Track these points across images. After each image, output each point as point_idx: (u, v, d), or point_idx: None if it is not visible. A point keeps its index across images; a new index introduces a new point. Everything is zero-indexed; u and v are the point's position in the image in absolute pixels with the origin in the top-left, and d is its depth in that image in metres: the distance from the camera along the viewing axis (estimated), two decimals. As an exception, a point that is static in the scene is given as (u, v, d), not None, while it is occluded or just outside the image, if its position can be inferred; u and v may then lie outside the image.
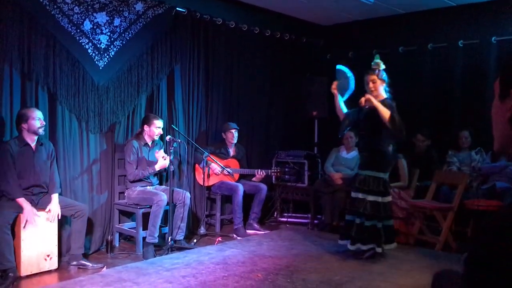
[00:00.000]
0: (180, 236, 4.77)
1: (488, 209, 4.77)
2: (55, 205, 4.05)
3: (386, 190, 4.32)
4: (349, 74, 4.62)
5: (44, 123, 4.10)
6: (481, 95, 5.68)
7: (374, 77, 4.35)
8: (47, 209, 4.01)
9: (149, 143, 4.91)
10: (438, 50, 6.15)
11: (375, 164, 4.30)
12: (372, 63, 4.46)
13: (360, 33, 6.82)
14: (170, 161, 4.76)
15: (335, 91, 4.56)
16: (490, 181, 5.22)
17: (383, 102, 4.27)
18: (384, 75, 4.41)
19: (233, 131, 5.66)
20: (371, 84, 4.36)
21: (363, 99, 4.33)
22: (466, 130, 5.57)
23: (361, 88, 4.49)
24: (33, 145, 4.04)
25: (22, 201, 3.86)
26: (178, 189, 4.93)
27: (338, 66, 4.71)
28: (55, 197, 4.09)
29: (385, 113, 4.16)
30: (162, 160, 4.77)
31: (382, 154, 4.32)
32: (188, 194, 4.87)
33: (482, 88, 5.70)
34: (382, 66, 4.42)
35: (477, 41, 5.83)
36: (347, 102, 4.63)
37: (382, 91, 4.39)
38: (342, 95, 4.60)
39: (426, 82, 6.26)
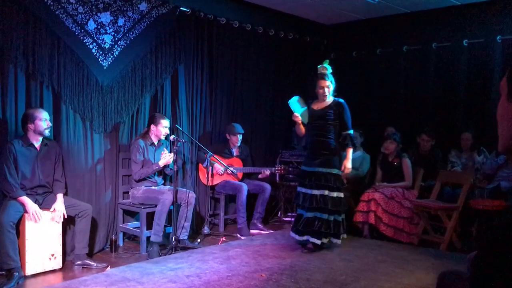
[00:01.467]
0: (184, 235, 4.77)
1: (493, 209, 4.75)
2: (60, 204, 4.06)
3: (343, 185, 4.65)
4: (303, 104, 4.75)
5: (51, 124, 4.12)
6: (486, 95, 5.67)
7: (329, 82, 4.59)
8: (52, 209, 4.02)
9: (155, 143, 4.91)
10: (442, 49, 6.13)
11: (337, 163, 4.57)
12: (319, 67, 4.65)
13: (364, 33, 6.81)
14: (174, 160, 4.76)
15: (298, 120, 4.66)
16: (495, 181, 5.20)
17: (334, 102, 4.60)
18: (332, 80, 4.62)
19: (238, 135, 5.66)
20: (325, 90, 4.57)
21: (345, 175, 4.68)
22: (467, 132, 5.54)
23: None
24: (37, 145, 4.05)
25: (24, 199, 3.87)
26: (182, 188, 4.94)
27: (291, 102, 4.74)
28: (60, 196, 4.10)
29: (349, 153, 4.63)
30: (166, 157, 4.77)
31: (340, 153, 4.62)
32: (193, 194, 4.88)
33: (487, 87, 5.69)
34: (330, 70, 4.62)
35: (482, 40, 5.80)
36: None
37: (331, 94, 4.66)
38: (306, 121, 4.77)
39: (430, 82, 6.25)
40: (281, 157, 6.31)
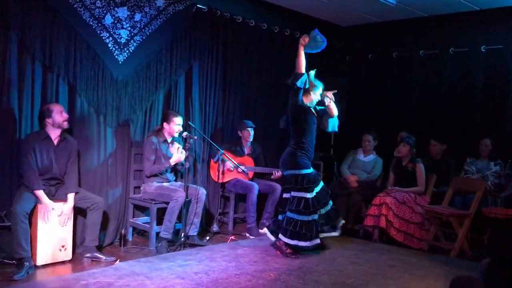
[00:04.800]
0: (193, 231, 4.78)
1: (506, 217, 4.69)
2: (69, 205, 4.07)
3: None
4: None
5: (68, 116, 4.14)
6: (503, 103, 5.59)
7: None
8: (59, 213, 4.01)
9: (168, 140, 4.92)
10: (459, 54, 6.06)
11: None
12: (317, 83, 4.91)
13: (380, 35, 6.76)
14: (186, 157, 4.76)
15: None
16: (509, 189, 5.13)
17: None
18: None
19: (249, 129, 5.66)
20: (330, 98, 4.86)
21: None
22: (487, 138, 5.45)
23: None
24: (54, 138, 4.08)
25: (40, 194, 3.89)
26: (192, 185, 4.94)
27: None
28: (70, 197, 4.09)
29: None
30: (177, 154, 4.78)
31: None
32: (203, 190, 4.88)
33: (504, 95, 5.62)
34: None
35: (500, 46, 5.73)
36: None
37: None
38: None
39: (446, 87, 6.19)
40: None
